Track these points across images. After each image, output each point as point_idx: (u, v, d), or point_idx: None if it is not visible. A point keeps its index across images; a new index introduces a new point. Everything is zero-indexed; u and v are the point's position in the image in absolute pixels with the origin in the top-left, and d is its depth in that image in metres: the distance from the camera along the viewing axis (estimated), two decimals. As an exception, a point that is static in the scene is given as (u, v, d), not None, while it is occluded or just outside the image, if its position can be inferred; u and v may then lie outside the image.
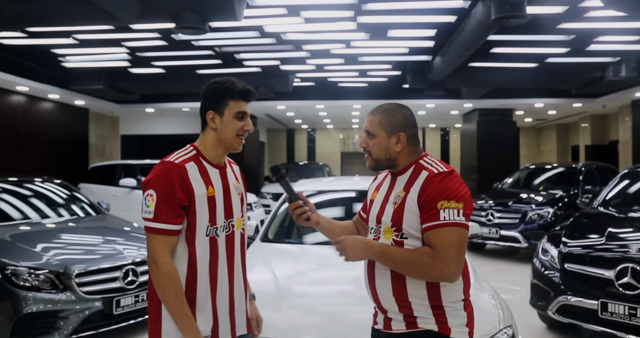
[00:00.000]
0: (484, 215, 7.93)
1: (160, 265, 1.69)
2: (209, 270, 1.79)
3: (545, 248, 4.43)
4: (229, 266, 1.84)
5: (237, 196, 1.91)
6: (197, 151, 1.84)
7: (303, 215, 1.94)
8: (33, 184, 5.70)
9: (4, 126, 10.40)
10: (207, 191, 1.78)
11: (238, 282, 1.89)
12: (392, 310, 1.74)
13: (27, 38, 8.13)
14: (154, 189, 1.71)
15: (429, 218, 1.64)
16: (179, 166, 1.74)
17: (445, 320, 1.69)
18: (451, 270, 1.60)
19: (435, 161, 1.78)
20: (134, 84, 11.09)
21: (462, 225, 1.63)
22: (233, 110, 1.81)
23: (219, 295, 1.81)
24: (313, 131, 21.65)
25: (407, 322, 1.71)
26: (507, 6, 5.50)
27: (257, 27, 7.50)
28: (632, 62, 9.26)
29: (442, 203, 1.63)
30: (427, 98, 12.52)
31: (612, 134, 15.16)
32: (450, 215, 1.62)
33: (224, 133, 1.82)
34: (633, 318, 3.54)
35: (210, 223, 1.78)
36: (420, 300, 1.69)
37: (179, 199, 1.71)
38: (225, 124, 1.81)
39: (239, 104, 1.82)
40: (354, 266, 3.06)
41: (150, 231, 1.71)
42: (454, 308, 1.71)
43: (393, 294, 1.72)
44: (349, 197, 4.17)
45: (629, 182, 5.37)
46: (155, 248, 1.70)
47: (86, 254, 4.33)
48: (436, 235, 1.62)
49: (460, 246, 1.62)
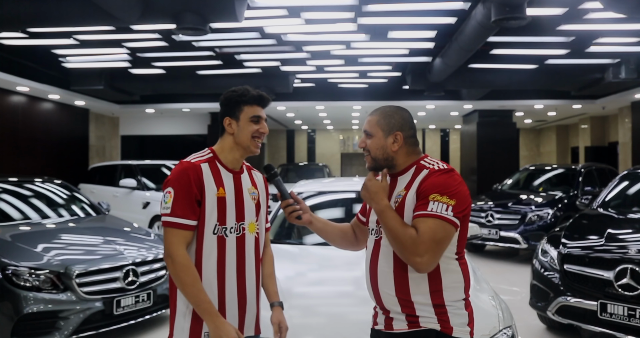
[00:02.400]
0: (483, 216, 7.93)
1: (175, 257, 1.77)
2: (216, 268, 1.84)
3: (544, 249, 4.44)
4: (238, 267, 1.88)
5: (252, 201, 1.96)
6: (213, 155, 1.94)
7: (294, 213, 1.98)
8: (33, 184, 5.70)
9: (4, 127, 10.41)
10: (218, 191, 1.86)
11: (250, 285, 1.92)
12: (394, 310, 1.74)
13: (27, 38, 8.15)
14: (172, 187, 1.82)
15: (419, 207, 1.67)
16: (195, 165, 1.86)
17: (447, 319, 1.69)
18: (422, 260, 1.60)
19: (437, 161, 1.80)
20: (135, 85, 11.10)
21: (447, 220, 1.63)
22: (248, 114, 1.91)
23: (228, 294, 1.86)
24: (313, 131, 21.66)
25: (409, 321, 1.71)
26: (507, 8, 5.51)
27: (258, 28, 7.51)
28: (632, 64, 9.28)
29: (434, 196, 1.65)
30: (427, 99, 12.53)
31: (612, 136, 15.17)
32: (439, 208, 1.63)
33: (240, 136, 1.91)
34: (632, 319, 3.54)
35: (219, 223, 1.86)
36: (423, 300, 1.70)
37: (195, 195, 1.81)
38: (241, 128, 1.91)
39: (254, 108, 1.91)
40: (354, 267, 3.08)
41: (167, 225, 1.80)
42: (456, 307, 1.72)
43: (396, 294, 1.72)
44: (349, 198, 4.18)
45: (628, 183, 5.38)
46: (170, 241, 1.79)
47: (87, 254, 4.34)
48: (421, 223, 1.63)
49: (440, 241, 1.62)
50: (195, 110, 14.03)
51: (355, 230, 2.12)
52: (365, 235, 2.00)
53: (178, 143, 15.59)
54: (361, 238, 2.09)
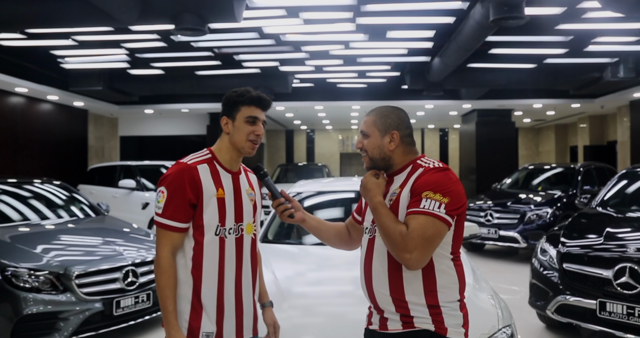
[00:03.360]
0: (482, 215, 7.94)
1: (158, 258, 1.82)
2: (217, 269, 1.84)
3: (544, 248, 4.45)
4: (237, 268, 1.89)
5: (250, 202, 1.96)
6: (212, 155, 1.93)
7: (286, 211, 1.98)
8: (32, 185, 5.70)
9: (3, 128, 10.40)
10: (217, 192, 1.86)
11: (246, 286, 1.92)
12: (388, 310, 1.74)
13: (26, 39, 8.14)
14: (166, 187, 1.82)
15: (411, 204, 1.67)
16: (191, 167, 1.85)
17: (442, 319, 1.69)
18: (411, 257, 1.60)
19: (434, 161, 1.80)
20: (133, 86, 11.09)
21: (438, 218, 1.62)
22: (244, 114, 1.90)
23: (226, 296, 1.86)
24: (312, 132, 21.65)
25: (403, 321, 1.71)
26: (505, 7, 5.52)
27: (257, 28, 7.51)
28: (630, 63, 9.28)
29: (427, 193, 1.65)
30: (426, 99, 12.54)
31: (611, 135, 15.18)
32: (431, 205, 1.63)
33: (235, 137, 1.91)
34: (631, 318, 3.55)
35: (221, 224, 1.86)
36: (417, 300, 1.69)
37: (189, 199, 1.81)
38: (236, 128, 1.90)
39: (250, 109, 1.90)
40: (353, 267, 3.07)
41: (157, 225, 1.84)
42: (451, 308, 1.72)
43: (390, 294, 1.72)
44: (348, 198, 4.18)
45: (627, 182, 5.39)
46: (158, 241, 1.84)
47: (86, 255, 4.34)
48: (412, 220, 1.63)
49: (430, 238, 1.61)
50: (194, 110, 14.03)
51: (350, 229, 2.12)
52: (360, 234, 2.01)
53: (177, 143, 15.58)
54: (355, 237, 2.09)
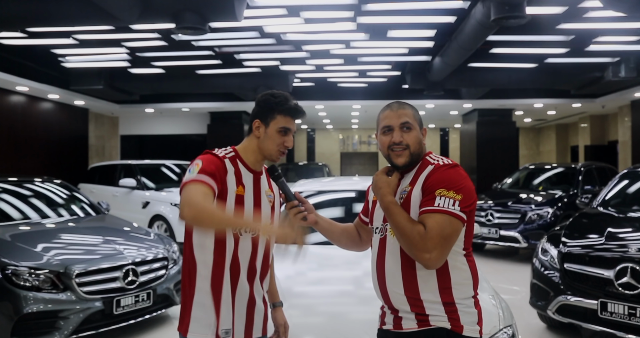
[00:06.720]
0: (483, 215, 7.93)
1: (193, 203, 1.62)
2: (230, 266, 1.82)
3: (544, 248, 4.44)
4: (250, 267, 1.86)
5: (268, 203, 1.94)
6: (235, 154, 1.90)
7: (299, 214, 1.91)
8: (33, 184, 5.70)
9: (3, 126, 10.40)
10: (237, 189, 1.83)
11: (257, 286, 1.91)
12: (403, 310, 1.72)
13: (27, 38, 8.14)
14: (202, 160, 1.78)
15: (425, 202, 1.65)
16: (221, 158, 1.84)
17: (458, 317, 1.67)
18: (431, 256, 1.58)
19: (442, 157, 1.79)
20: (134, 85, 11.08)
21: (454, 215, 1.61)
22: (278, 124, 1.87)
23: (239, 293, 1.84)
24: (312, 131, 21.65)
25: (418, 320, 1.69)
26: (506, 7, 5.51)
27: (257, 27, 7.50)
28: (631, 63, 9.27)
29: (440, 191, 1.64)
30: (426, 98, 12.53)
31: (612, 135, 15.17)
32: (446, 203, 1.62)
33: (265, 144, 1.88)
34: (633, 318, 3.54)
35: None
36: (433, 298, 1.67)
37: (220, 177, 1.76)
38: (268, 135, 1.88)
39: (286, 119, 1.88)
40: (353, 266, 3.08)
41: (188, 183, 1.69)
42: (465, 305, 1.70)
43: (405, 293, 1.70)
44: (348, 197, 4.17)
45: (628, 182, 5.38)
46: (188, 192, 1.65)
47: (86, 254, 4.34)
48: (428, 218, 1.61)
49: (448, 236, 1.60)
50: (195, 110, 14.02)
51: (359, 230, 2.10)
52: (370, 235, 1.98)
53: (178, 142, 15.58)
54: (365, 238, 2.07)
